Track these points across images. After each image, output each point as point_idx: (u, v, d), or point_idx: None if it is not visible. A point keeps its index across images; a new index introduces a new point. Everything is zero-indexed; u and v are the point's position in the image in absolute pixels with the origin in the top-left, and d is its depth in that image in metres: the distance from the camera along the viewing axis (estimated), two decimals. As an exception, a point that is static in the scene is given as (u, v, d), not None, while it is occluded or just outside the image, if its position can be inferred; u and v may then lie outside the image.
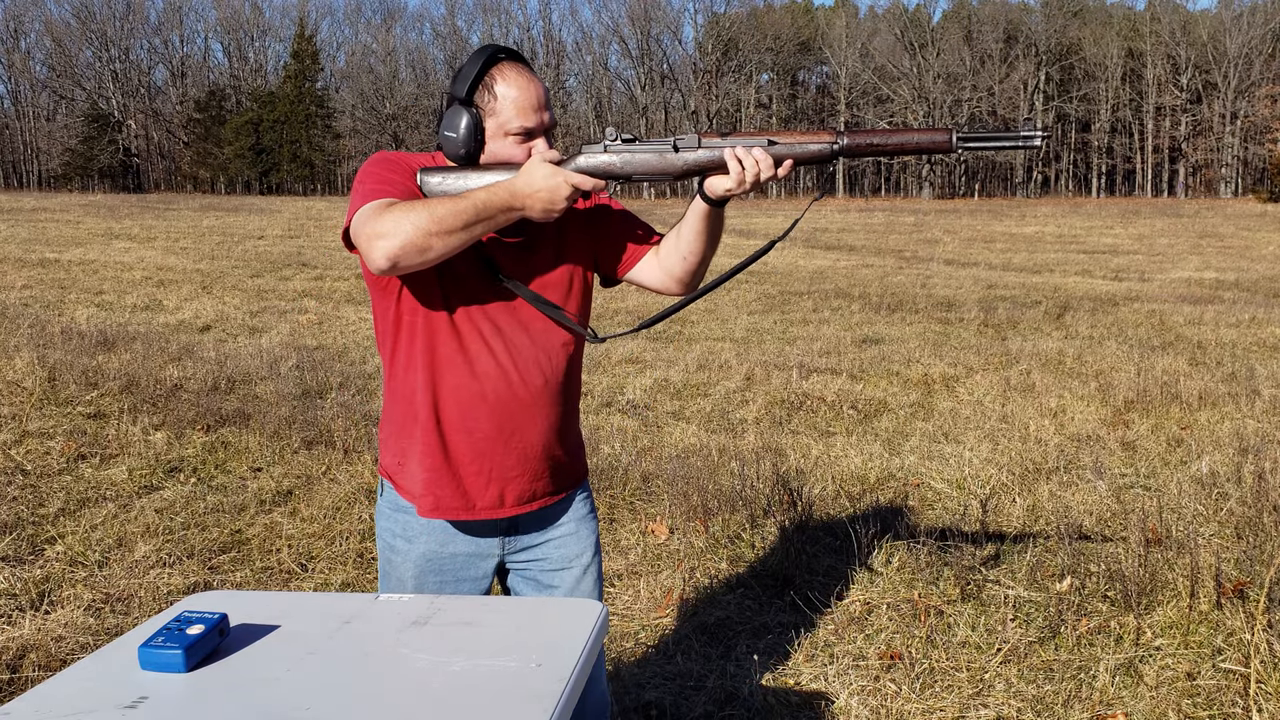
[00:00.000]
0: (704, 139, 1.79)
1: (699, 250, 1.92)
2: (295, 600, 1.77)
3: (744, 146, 1.76)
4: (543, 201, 1.75)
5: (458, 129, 1.83)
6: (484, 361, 1.87)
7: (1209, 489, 4.74)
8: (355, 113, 76.97)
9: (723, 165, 1.78)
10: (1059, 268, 17.91)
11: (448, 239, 1.69)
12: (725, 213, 1.90)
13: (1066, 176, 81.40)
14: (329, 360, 8.19)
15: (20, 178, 76.25)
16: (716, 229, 1.91)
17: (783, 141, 1.78)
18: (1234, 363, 8.26)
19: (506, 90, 1.83)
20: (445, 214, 1.69)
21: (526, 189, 1.74)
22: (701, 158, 1.80)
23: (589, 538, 2.05)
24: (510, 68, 1.85)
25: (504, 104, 1.83)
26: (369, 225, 1.69)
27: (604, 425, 6.15)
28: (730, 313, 11.66)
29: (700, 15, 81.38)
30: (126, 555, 3.98)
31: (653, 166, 1.82)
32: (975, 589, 3.62)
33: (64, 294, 12.57)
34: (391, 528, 1.98)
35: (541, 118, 1.85)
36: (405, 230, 1.67)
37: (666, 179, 1.85)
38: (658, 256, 1.99)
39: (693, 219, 1.89)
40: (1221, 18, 73.68)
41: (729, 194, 1.80)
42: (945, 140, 1.75)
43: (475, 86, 1.83)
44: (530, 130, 1.84)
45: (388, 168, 1.84)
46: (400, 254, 1.68)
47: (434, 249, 1.69)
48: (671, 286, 1.99)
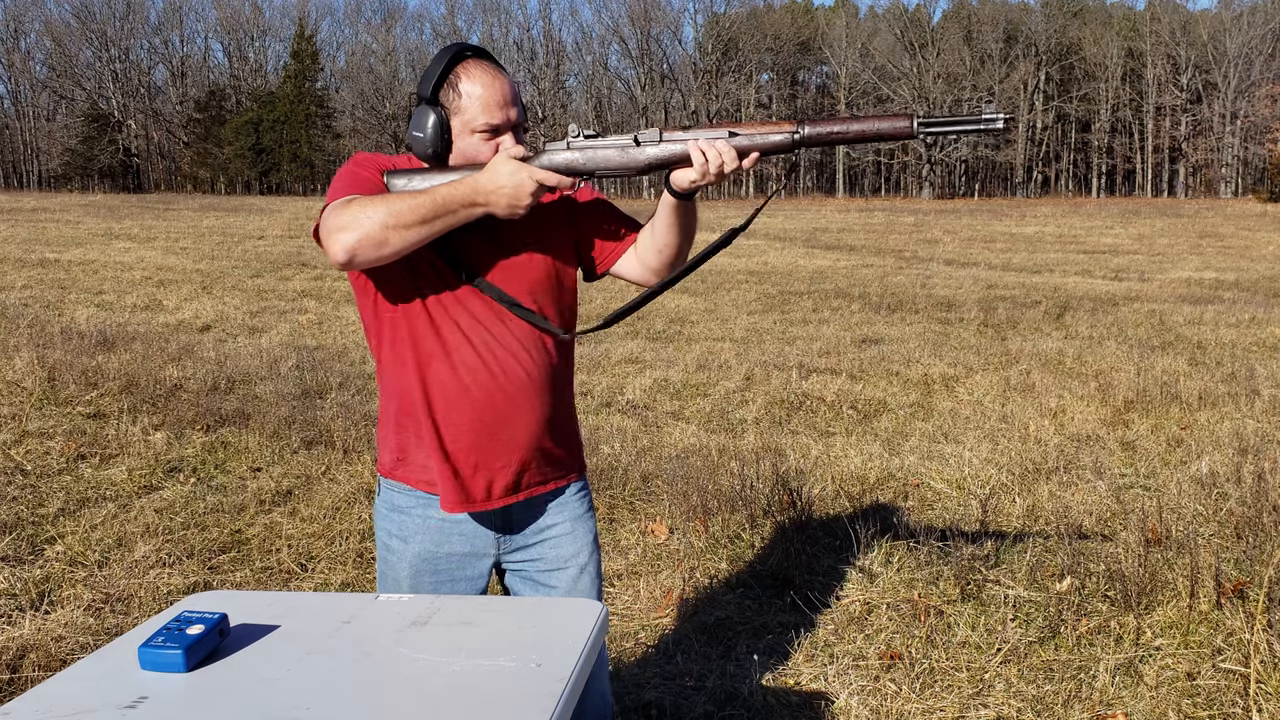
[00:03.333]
0: (665, 133, 1.81)
1: (674, 243, 1.93)
2: (295, 600, 1.77)
3: (706, 139, 1.77)
4: (507, 198, 1.76)
5: (425, 128, 1.84)
6: (463, 352, 1.87)
7: (1209, 489, 4.74)
8: (355, 113, 76.90)
9: (685, 159, 1.79)
10: (1059, 268, 17.91)
11: (405, 233, 1.71)
12: (697, 206, 1.91)
13: (1066, 176, 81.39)
14: (329, 360, 8.19)
15: (20, 178, 76.22)
16: (688, 221, 1.91)
17: (743, 133, 1.79)
18: (1234, 363, 8.26)
19: (471, 88, 1.83)
20: (403, 209, 1.71)
21: (490, 185, 1.75)
22: (664, 152, 1.81)
23: (585, 537, 2.05)
24: (475, 65, 1.85)
25: (469, 101, 1.84)
26: (329, 220, 1.73)
27: (604, 425, 6.14)
28: (730, 313, 11.65)
29: (700, 15, 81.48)
30: (126, 555, 3.98)
31: (615, 162, 1.83)
32: (975, 589, 3.62)
33: (64, 294, 12.57)
34: (388, 528, 1.98)
35: (508, 114, 1.86)
36: (362, 224, 1.70)
37: (629, 174, 1.86)
38: (636, 251, 2.00)
39: (663, 213, 1.90)
40: (1221, 18, 73.64)
41: (694, 185, 1.81)
42: (906, 126, 1.75)
43: (440, 85, 1.84)
44: (496, 127, 1.85)
45: (360, 167, 1.87)
46: (357, 247, 1.70)
47: (391, 243, 1.71)
48: (650, 279, 2.00)
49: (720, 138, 1.77)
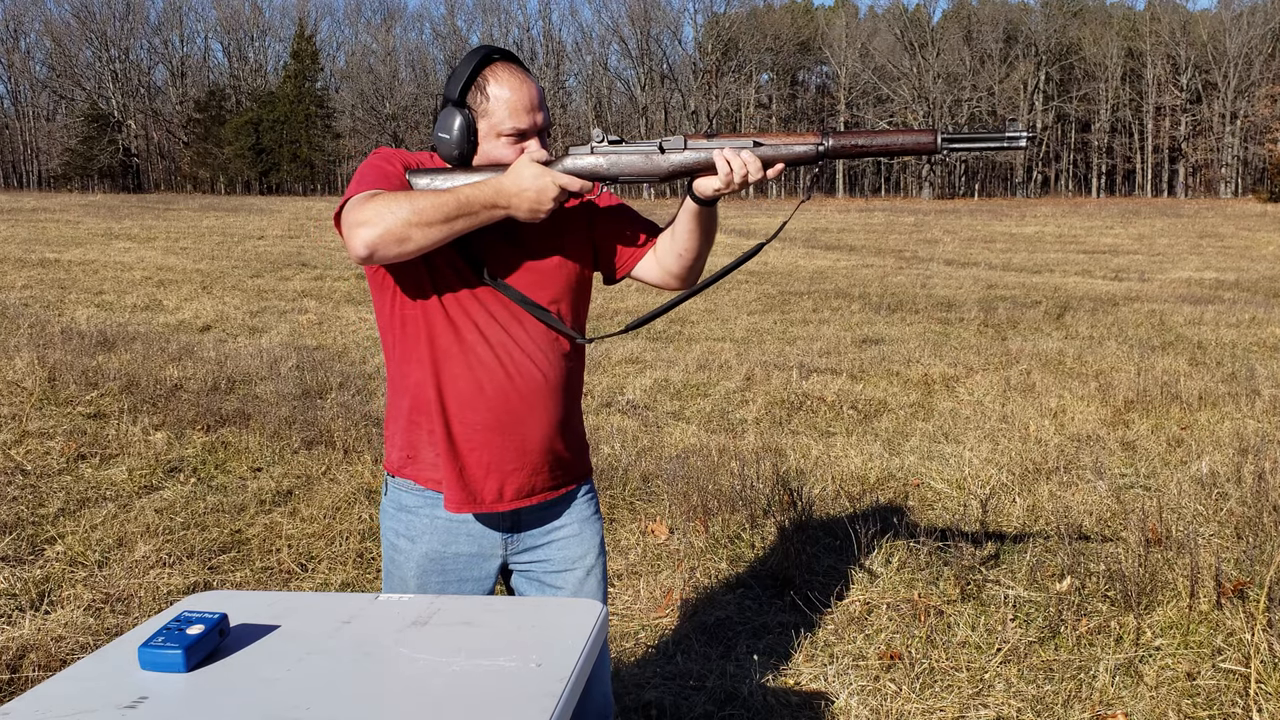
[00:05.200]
0: (690, 140, 1.81)
1: (694, 248, 1.94)
2: (295, 600, 1.77)
3: (732, 148, 1.78)
4: (530, 202, 1.76)
5: (451, 130, 1.84)
6: (480, 352, 1.87)
7: (1209, 489, 4.74)
8: (355, 113, 76.92)
9: (709, 166, 1.80)
10: (1059, 268, 17.91)
11: (427, 231, 1.72)
12: (718, 211, 1.92)
13: (1066, 176, 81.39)
14: (329, 360, 8.19)
15: (20, 178, 76.25)
16: (709, 227, 1.92)
17: (769, 143, 1.79)
18: (1234, 363, 8.26)
19: (499, 91, 1.84)
20: (426, 206, 1.71)
21: (513, 188, 1.76)
22: (688, 159, 1.81)
23: (592, 539, 2.05)
24: (503, 68, 1.86)
25: (496, 105, 1.84)
26: (352, 213, 1.73)
27: (604, 425, 6.14)
28: (730, 313, 11.66)
29: (700, 15, 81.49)
30: (126, 555, 3.98)
31: (639, 168, 1.83)
32: (975, 589, 3.62)
33: (64, 294, 12.57)
34: (395, 527, 1.98)
35: (535, 119, 1.86)
36: (385, 220, 1.70)
37: (653, 180, 1.87)
38: (656, 254, 2.00)
39: (684, 219, 1.91)
40: (1221, 18, 73.67)
41: (718, 194, 1.82)
42: (930, 141, 1.76)
43: (468, 87, 1.84)
44: (523, 131, 1.85)
45: (386, 161, 1.87)
46: (378, 242, 1.70)
47: (413, 240, 1.72)
48: (671, 283, 2.01)
49: (745, 147, 1.78)
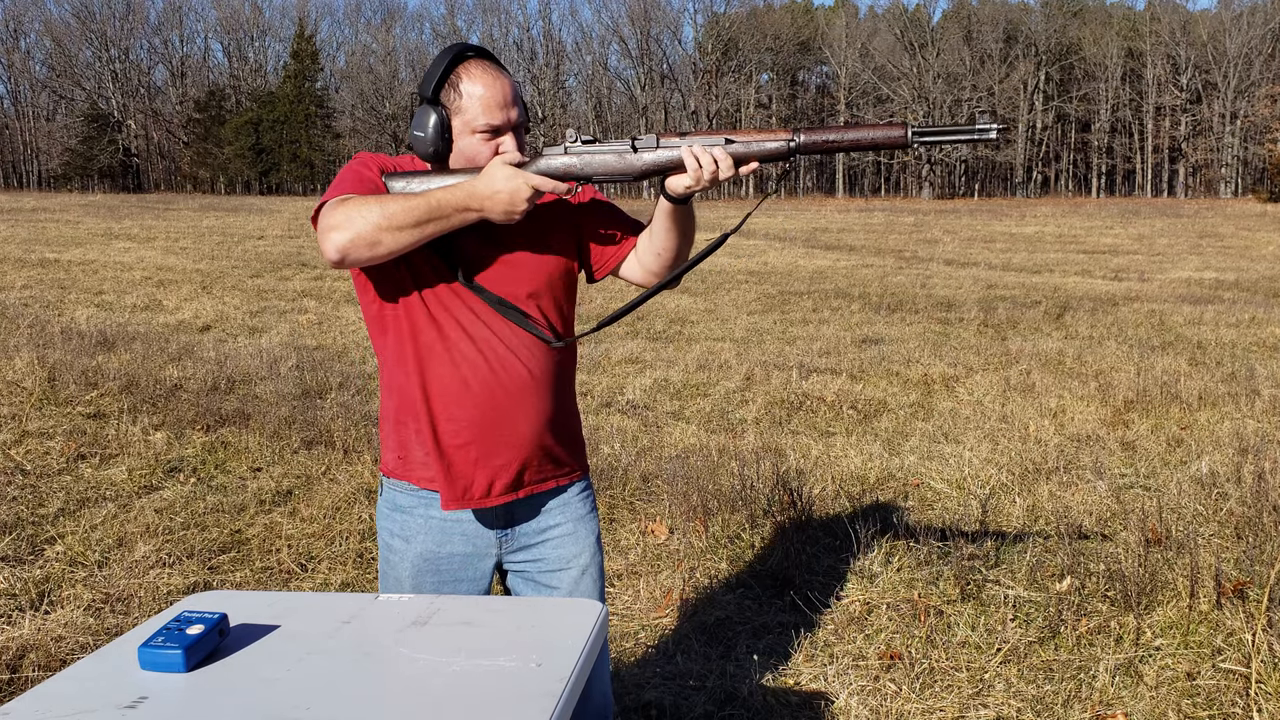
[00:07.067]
0: (662, 139, 1.82)
1: (672, 246, 1.95)
2: (295, 600, 1.77)
3: (701, 145, 1.78)
4: (503, 204, 1.77)
5: (426, 128, 1.85)
6: (464, 348, 1.88)
7: (1209, 489, 4.74)
8: (355, 113, 76.90)
9: (681, 164, 1.80)
10: (1059, 268, 17.91)
11: (398, 235, 1.73)
12: (694, 209, 1.93)
13: (1066, 176, 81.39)
14: (329, 360, 8.18)
15: (20, 178, 76.20)
16: (685, 225, 1.93)
17: (740, 140, 1.80)
18: (1234, 363, 8.26)
19: (472, 88, 1.84)
20: (397, 210, 1.72)
21: (486, 191, 1.76)
22: (660, 158, 1.82)
23: (588, 538, 2.04)
24: (476, 65, 1.86)
25: (470, 101, 1.84)
26: (325, 218, 1.75)
27: (604, 425, 6.14)
28: (730, 313, 11.65)
29: (700, 15, 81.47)
30: (126, 555, 3.98)
31: (612, 167, 1.84)
32: (975, 589, 3.62)
33: (64, 294, 12.57)
34: (390, 527, 1.98)
35: (508, 114, 1.86)
36: (355, 224, 1.71)
37: (627, 179, 1.87)
38: (636, 254, 2.01)
39: (660, 217, 1.92)
40: (1221, 18, 73.67)
41: (689, 191, 1.82)
42: (901, 135, 1.77)
43: (441, 85, 1.85)
44: (497, 127, 1.85)
45: (363, 166, 1.88)
46: (349, 246, 1.72)
47: (384, 244, 1.73)
48: (652, 281, 2.02)
49: (716, 144, 1.79)
